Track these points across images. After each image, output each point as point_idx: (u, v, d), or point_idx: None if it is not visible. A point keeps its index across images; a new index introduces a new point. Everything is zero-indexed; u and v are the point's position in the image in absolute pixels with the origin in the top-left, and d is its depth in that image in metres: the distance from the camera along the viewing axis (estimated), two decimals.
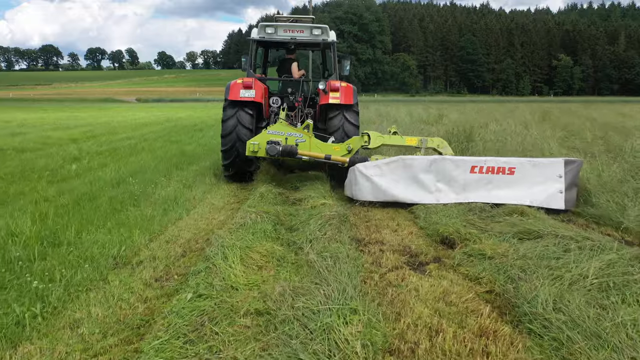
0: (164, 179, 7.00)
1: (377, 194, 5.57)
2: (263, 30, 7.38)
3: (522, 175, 5.39)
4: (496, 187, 5.41)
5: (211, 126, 18.53)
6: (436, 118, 14.71)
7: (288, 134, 6.12)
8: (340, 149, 6.18)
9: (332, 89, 6.81)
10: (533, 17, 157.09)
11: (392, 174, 5.52)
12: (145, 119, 24.66)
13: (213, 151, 10.94)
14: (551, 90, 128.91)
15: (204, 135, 14.66)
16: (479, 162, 5.44)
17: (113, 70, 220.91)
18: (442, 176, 5.45)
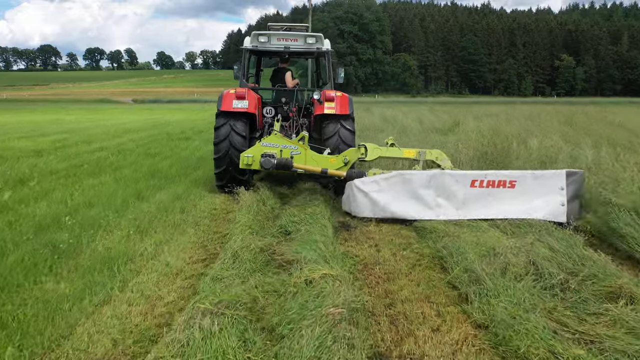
0: (113, 217, 5.29)
1: (376, 211, 5.47)
2: (256, 39, 7.22)
3: (524, 189, 5.30)
4: (497, 201, 5.31)
5: (200, 132, 16.85)
6: (451, 126, 13.02)
7: (283, 146, 5.94)
8: (337, 161, 6.03)
9: (327, 99, 6.66)
10: (535, 17, 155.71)
11: (391, 189, 5.42)
12: (132, 123, 22.99)
13: (192, 168, 9.25)
14: (553, 91, 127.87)
15: (188, 145, 12.96)
16: (479, 176, 5.36)
17: (112, 70, 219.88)
18: (442, 191, 5.34)
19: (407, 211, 5.41)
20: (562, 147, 7.03)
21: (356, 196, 5.53)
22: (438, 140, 10.52)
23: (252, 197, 6.01)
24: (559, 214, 5.26)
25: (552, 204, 5.25)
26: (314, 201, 5.85)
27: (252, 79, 8.38)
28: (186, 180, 7.97)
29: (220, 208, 6.07)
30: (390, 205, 5.42)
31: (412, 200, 5.39)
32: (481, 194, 5.33)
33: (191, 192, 6.88)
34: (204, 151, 11.75)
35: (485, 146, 8.01)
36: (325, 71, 7.70)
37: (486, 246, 4.08)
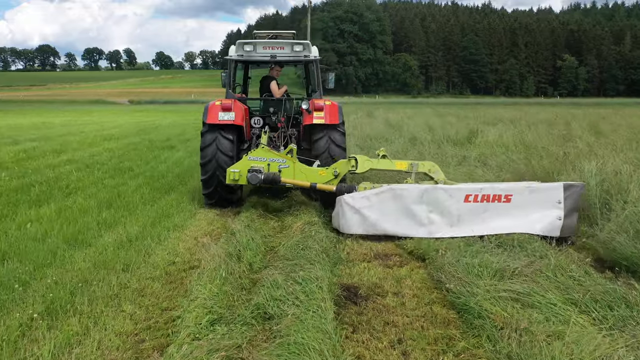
0: (21, 283, 3.71)
1: (367, 228, 5.28)
2: (241, 48, 7.02)
3: (520, 203, 5.15)
4: (492, 216, 5.13)
5: (186, 141, 15.27)
6: (467, 135, 11.43)
7: (270, 159, 5.78)
8: (327, 173, 5.85)
9: (316, 108, 6.46)
10: (537, 17, 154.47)
11: (382, 205, 5.22)
12: (118, 128, 21.42)
13: (163, 190, 7.67)
14: (556, 92, 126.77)
15: (169, 157, 11.38)
16: (473, 191, 5.15)
17: (111, 70, 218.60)
18: (435, 207, 5.14)
19: (398, 228, 5.19)
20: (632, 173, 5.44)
21: (346, 212, 5.31)
22: (457, 155, 9.01)
23: (223, 248, 4.39)
24: (555, 229, 5.09)
25: (548, 217, 5.09)
26: (307, 251, 4.29)
27: (240, 89, 8.08)
28: (151, 210, 6.38)
29: (181, 260, 4.45)
30: (381, 221, 5.21)
31: (403, 216, 5.18)
32: (476, 209, 5.13)
33: (151, 231, 5.29)
34: (185, 165, 10.19)
35: (521, 167, 6.44)
36: (314, 79, 7.41)
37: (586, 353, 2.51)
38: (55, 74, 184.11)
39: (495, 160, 8.09)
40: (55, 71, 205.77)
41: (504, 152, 9.25)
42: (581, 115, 24.80)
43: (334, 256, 4.48)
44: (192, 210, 6.46)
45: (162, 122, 27.31)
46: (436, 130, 13.61)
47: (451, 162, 8.42)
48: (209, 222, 5.88)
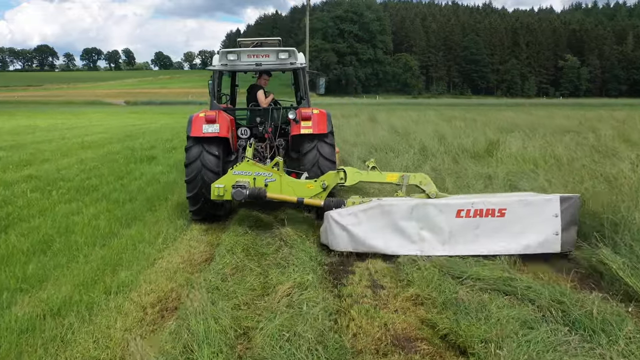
0: None
1: (356, 245, 5.03)
2: (225, 57, 6.80)
3: (514, 217, 4.85)
4: (486, 232, 4.86)
5: (171, 150, 13.86)
6: (485, 146, 9.98)
7: (256, 173, 5.54)
8: (315, 186, 5.61)
9: (304, 118, 6.24)
10: (538, 17, 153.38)
11: (370, 222, 4.97)
12: (103, 133, 20.02)
13: (125, 222, 6.22)
14: (557, 92, 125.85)
15: (146, 172, 9.94)
16: (465, 205, 4.88)
17: (109, 70, 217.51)
18: (426, 223, 4.91)
19: (388, 246, 4.99)
20: None
21: (334, 229, 5.11)
22: (480, 174, 7.61)
23: (165, 346, 2.95)
24: (553, 244, 4.87)
25: (545, 233, 4.86)
26: (295, 344, 2.87)
27: (226, 99, 7.78)
28: (99, 254, 4.94)
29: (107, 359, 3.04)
30: (370, 239, 5.00)
31: (393, 233, 4.99)
32: (469, 225, 4.92)
33: (83, 296, 3.85)
34: (162, 183, 8.77)
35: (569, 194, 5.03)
36: (301, 87, 7.16)
37: None
38: (53, 74, 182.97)
39: (528, 182, 6.68)
40: (54, 71, 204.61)
41: (534, 169, 7.82)
42: (595, 118, 23.42)
43: (334, 347, 3.06)
44: (152, 253, 5.04)
45: (153, 126, 25.95)
46: (448, 139, 12.18)
47: (475, 184, 6.99)
48: (170, 274, 4.45)
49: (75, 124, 26.62)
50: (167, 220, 6.16)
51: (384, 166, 8.64)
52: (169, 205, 7.02)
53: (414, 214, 4.92)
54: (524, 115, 27.37)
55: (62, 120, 29.60)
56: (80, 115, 37.76)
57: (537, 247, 4.84)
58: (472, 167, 8.38)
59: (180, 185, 8.63)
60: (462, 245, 4.88)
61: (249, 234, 5.59)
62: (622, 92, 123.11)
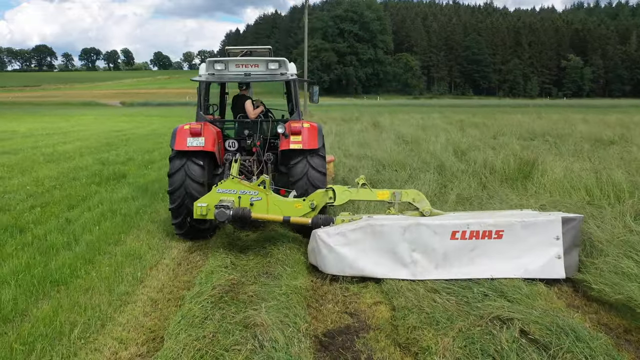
0: None
1: (343, 267, 4.68)
2: (211, 67, 6.44)
3: (513, 239, 4.57)
4: (482, 256, 4.58)
5: (149, 164, 12.14)
6: (518, 165, 8.22)
7: (241, 192, 5.21)
8: (303, 206, 5.28)
9: (293, 132, 5.90)
10: (540, 16, 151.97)
11: (359, 243, 4.67)
12: (83, 140, 18.35)
13: (46, 291, 4.48)
14: (560, 92, 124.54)
15: (105, 198, 8.19)
16: (460, 227, 4.60)
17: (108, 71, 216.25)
18: (418, 245, 4.61)
19: (378, 269, 4.63)
20: None
21: (321, 250, 4.73)
22: (519, 207, 5.91)
23: None
24: (556, 269, 4.51)
25: (546, 256, 4.52)
26: None
27: (213, 109, 7.41)
28: None
29: None
30: (359, 261, 4.64)
31: (384, 255, 4.63)
32: (464, 247, 4.59)
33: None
34: (121, 216, 7.04)
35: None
36: (292, 98, 6.98)
37: None
38: (51, 74, 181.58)
39: (594, 223, 4.98)
40: (52, 71, 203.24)
41: (590, 200, 6.13)
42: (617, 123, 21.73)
43: None
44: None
45: (141, 131, 24.29)
46: (467, 154, 10.48)
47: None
48: None
49: (58, 128, 24.92)
50: (99, 293, 4.39)
51: (385, 175, 7.06)
52: (116, 259, 5.27)
53: (407, 235, 4.60)
54: (536, 119, 25.69)
55: (45, 125, 27.90)
56: (69, 119, 36.10)
57: (539, 271, 4.52)
58: (507, 196, 6.70)
59: (145, 220, 6.94)
60: (457, 268, 4.57)
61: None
62: (626, 92, 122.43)
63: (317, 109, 43.82)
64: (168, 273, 5.00)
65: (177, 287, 4.64)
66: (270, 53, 7.21)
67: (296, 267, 4.82)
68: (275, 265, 4.93)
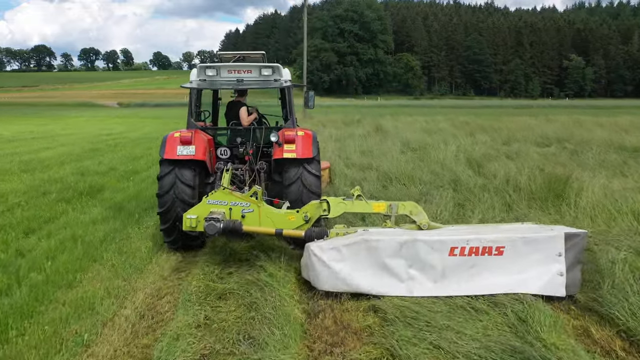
0: None
1: (337, 284, 4.49)
2: (203, 72, 6.23)
3: (513, 256, 4.42)
4: (482, 272, 4.43)
5: (132, 175, 11.07)
6: (547, 182, 7.09)
7: (232, 203, 5.04)
8: (296, 218, 5.12)
9: (287, 140, 5.71)
10: (542, 16, 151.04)
11: (354, 258, 4.49)
12: (67, 146, 17.32)
13: None
14: (562, 92, 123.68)
15: (70, 223, 7.09)
16: (459, 242, 4.43)
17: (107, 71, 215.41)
18: (415, 260, 4.46)
19: (373, 285, 4.45)
20: None
21: (314, 265, 4.56)
22: None
23: None
24: (557, 287, 4.34)
25: (548, 273, 4.37)
26: None
27: (204, 116, 7.12)
28: None
29: None
30: (354, 277, 4.47)
31: (379, 271, 4.48)
32: (463, 264, 4.43)
33: None
34: (84, 245, 5.96)
35: None
36: (286, 105, 6.69)
37: None
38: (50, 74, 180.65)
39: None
40: (52, 72, 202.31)
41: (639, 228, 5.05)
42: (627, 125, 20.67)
43: None
44: None
45: (133, 134, 23.23)
46: (481, 164, 9.42)
47: None
48: None
49: (46, 132, 23.85)
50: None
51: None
52: (61, 311, 4.07)
53: (403, 251, 4.47)
54: (545, 122, 24.62)
55: (34, 127, 26.84)
56: (61, 120, 35.09)
57: (540, 289, 4.37)
58: (540, 220, 5.64)
59: (111, 250, 5.87)
60: (455, 285, 4.45)
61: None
62: (628, 92, 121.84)
63: (317, 110, 42.70)
64: (125, 331, 3.93)
65: (133, 357, 3.57)
66: (264, 58, 6.94)
67: (287, 328, 3.74)
68: (260, 325, 3.84)
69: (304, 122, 24.52)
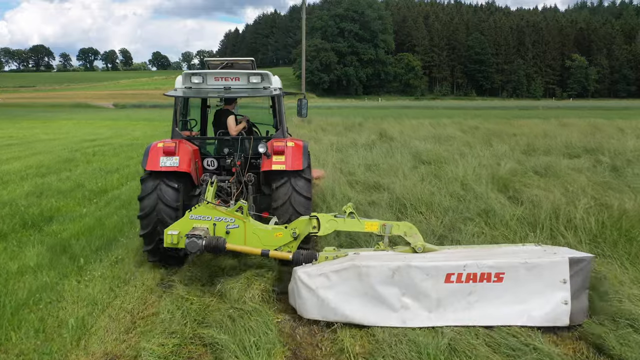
0: None
1: (326, 313, 4.26)
2: (188, 80, 6.00)
3: (514, 283, 4.14)
4: (480, 301, 4.16)
5: (98, 195, 9.48)
6: (606, 217, 5.50)
7: (216, 218, 4.82)
8: (284, 235, 4.91)
9: (276, 152, 5.51)
10: (543, 15, 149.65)
11: (344, 286, 4.26)
12: (41, 154, 15.76)
13: None
14: (565, 92, 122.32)
15: (22, 251, 5.55)
16: (456, 268, 4.17)
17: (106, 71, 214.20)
18: (409, 288, 4.21)
19: (364, 315, 4.23)
20: None
21: (301, 292, 4.34)
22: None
23: None
24: (561, 316, 4.07)
25: (551, 302, 4.09)
26: None
27: (194, 124, 6.82)
28: None
29: None
30: (343, 306, 4.23)
31: (371, 300, 4.24)
32: (460, 292, 4.18)
33: None
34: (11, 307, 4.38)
35: None
36: (276, 114, 6.48)
37: None
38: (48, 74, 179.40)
39: None
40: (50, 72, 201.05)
41: None
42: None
43: None
44: None
45: (119, 140, 21.65)
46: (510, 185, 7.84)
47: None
48: None
49: (25, 137, 22.25)
50: None
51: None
52: None
53: (396, 278, 4.17)
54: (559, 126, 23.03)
55: (15, 132, 25.31)
56: (47, 124, 33.55)
57: (542, 320, 4.05)
58: (616, 278, 4.01)
59: (26, 327, 4.24)
60: (452, 314, 4.14)
61: None
62: (631, 92, 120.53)
63: (316, 112, 41.13)
64: None
65: None
66: (253, 65, 6.73)
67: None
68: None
69: (302, 127, 22.89)
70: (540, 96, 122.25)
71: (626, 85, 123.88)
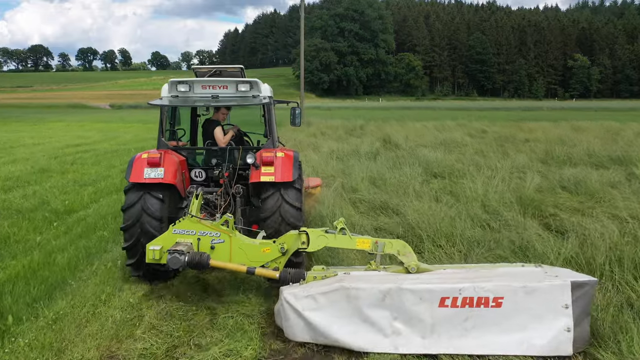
0: None
1: (314, 336, 4.11)
2: (174, 88, 5.82)
3: (513, 308, 3.88)
4: (477, 327, 3.91)
5: (62, 217, 8.25)
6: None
7: (201, 233, 4.66)
8: (272, 250, 4.71)
9: (265, 162, 5.32)
10: (545, 15, 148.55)
11: (332, 309, 4.07)
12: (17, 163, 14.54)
13: None
14: (567, 93, 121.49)
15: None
16: (451, 292, 3.93)
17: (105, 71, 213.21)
18: (400, 313, 4.00)
19: (354, 340, 4.02)
20: None
21: (287, 314, 4.17)
22: None
23: None
24: (564, 344, 3.80)
25: (553, 329, 3.81)
26: None
27: (182, 133, 6.63)
28: None
29: None
30: (332, 330, 4.04)
31: (360, 324, 4.04)
32: (456, 317, 3.93)
33: None
34: None
35: None
36: (266, 124, 6.19)
37: None
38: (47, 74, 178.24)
39: None
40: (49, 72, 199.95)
41: None
42: None
43: None
44: None
45: (106, 144, 20.43)
46: (541, 208, 6.61)
47: None
48: None
49: (7, 141, 20.99)
50: None
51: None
52: None
53: (387, 301, 3.98)
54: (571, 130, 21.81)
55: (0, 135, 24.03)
56: (36, 126, 32.37)
57: (544, 349, 3.80)
58: None
59: None
60: (446, 341, 3.91)
61: None
62: (634, 93, 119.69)
63: (316, 114, 39.91)
64: None
65: None
66: (242, 73, 6.45)
67: None
68: None
69: (301, 131, 21.58)
70: (542, 96, 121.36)
71: (629, 85, 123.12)
